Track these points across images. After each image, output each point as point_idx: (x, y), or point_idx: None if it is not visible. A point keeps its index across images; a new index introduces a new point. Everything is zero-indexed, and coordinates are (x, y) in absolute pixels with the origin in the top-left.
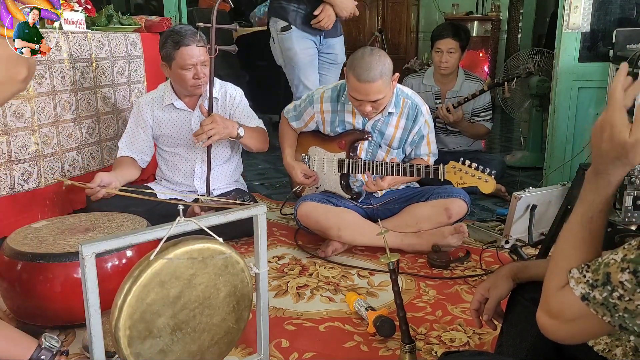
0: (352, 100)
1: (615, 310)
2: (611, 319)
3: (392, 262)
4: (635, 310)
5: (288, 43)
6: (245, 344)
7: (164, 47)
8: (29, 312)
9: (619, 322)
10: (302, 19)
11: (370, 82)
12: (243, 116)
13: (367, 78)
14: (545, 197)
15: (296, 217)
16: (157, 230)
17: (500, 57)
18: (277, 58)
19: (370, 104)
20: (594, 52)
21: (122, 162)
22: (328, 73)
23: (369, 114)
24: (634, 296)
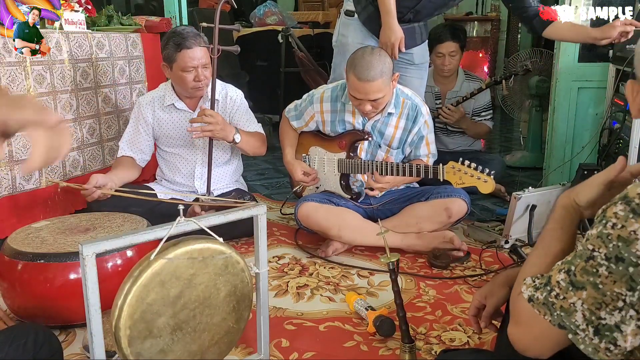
0: (352, 100)
1: (554, 309)
2: (551, 317)
3: (392, 262)
4: (569, 309)
5: (345, 29)
6: (246, 344)
7: (166, 49)
8: (29, 311)
9: (557, 321)
10: (367, 16)
11: (370, 81)
12: (243, 119)
13: (367, 77)
14: (544, 197)
15: (296, 218)
16: (157, 230)
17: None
18: (335, 33)
19: (370, 103)
20: (594, 53)
21: (121, 162)
22: (406, 73)
23: (369, 113)
24: (567, 294)
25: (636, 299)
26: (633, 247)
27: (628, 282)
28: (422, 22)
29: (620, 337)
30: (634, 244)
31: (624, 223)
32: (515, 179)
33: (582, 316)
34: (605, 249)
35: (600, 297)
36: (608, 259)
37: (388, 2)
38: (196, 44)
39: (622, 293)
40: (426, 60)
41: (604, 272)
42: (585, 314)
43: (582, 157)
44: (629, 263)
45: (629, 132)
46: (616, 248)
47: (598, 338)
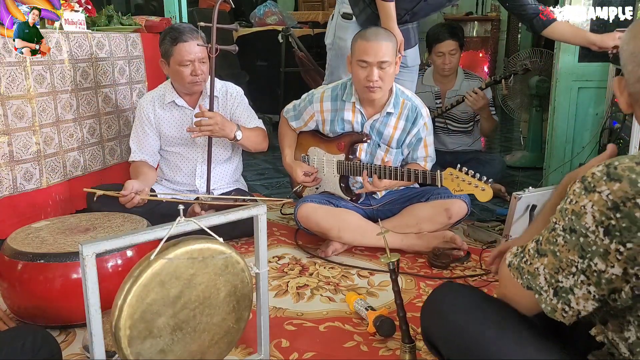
0: (359, 72)
1: (523, 273)
2: (521, 280)
3: (392, 262)
4: (534, 273)
5: (343, 32)
6: (246, 344)
7: (163, 44)
8: (29, 312)
9: (526, 284)
10: (366, 18)
11: (379, 41)
12: (243, 115)
13: (377, 38)
14: (545, 197)
15: (296, 219)
16: (157, 230)
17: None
18: (327, 35)
19: (378, 71)
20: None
21: (139, 166)
22: (399, 76)
23: (375, 85)
24: (533, 260)
25: (585, 266)
26: (583, 220)
27: (579, 251)
28: (416, 24)
29: (573, 299)
30: (584, 217)
31: (577, 199)
32: (516, 179)
33: (544, 279)
34: (563, 222)
35: (557, 263)
36: (564, 230)
37: (389, 6)
38: (192, 38)
39: (574, 260)
40: (417, 62)
41: (561, 241)
42: (547, 277)
43: (582, 157)
44: (579, 234)
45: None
46: (570, 221)
47: (556, 299)
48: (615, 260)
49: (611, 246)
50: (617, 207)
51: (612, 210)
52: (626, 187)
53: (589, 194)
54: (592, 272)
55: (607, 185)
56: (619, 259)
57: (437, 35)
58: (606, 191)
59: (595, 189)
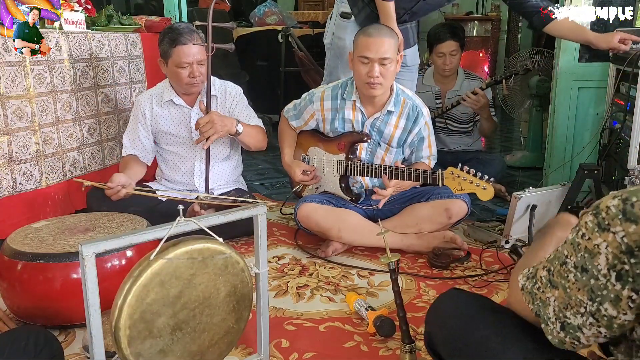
0: (360, 68)
1: (535, 299)
2: (532, 306)
3: (392, 262)
4: (545, 301)
5: (341, 32)
6: (245, 344)
7: (162, 44)
8: (29, 312)
9: (535, 310)
10: (365, 17)
11: (381, 37)
12: (242, 114)
13: (379, 34)
14: (545, 197)
15: (296, 219)
16: (157, 230)
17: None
18: (325, 35)
19: (380, 68)
20: (594, 52)
21: (128, 161)
22: (399, 76)
23: (376, 82)
24: (545, 289)
25: (595, 310)
26: (596, 261)
27: (589, 292)
28: (414, 23)
29: (583, 337)
30: (597, 258)
31: (590, 235)
32: (516, 179)
33: (553, 311)
34: (575, 258)
35: (567, 299)
36: (576, 267)
37: (389, 7)
38: (191, 40)
39: (583, 301)
40: (417, 62)
41: (572, 278)
42: (556, 309)
43: (583, 157)
44: (591, 275)
45: (629, 132)
46: (583, 259)
47: (564, 333)
48: (627, 307)
49: (623, 292)
50: (631, 252)
51: (626, 255)
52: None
53: (603, 232)
54: (602, 317)
55: (622, 225)
56: (631, 307)
57: (438, 36)
58: (621, 233)
59: (610, 228)
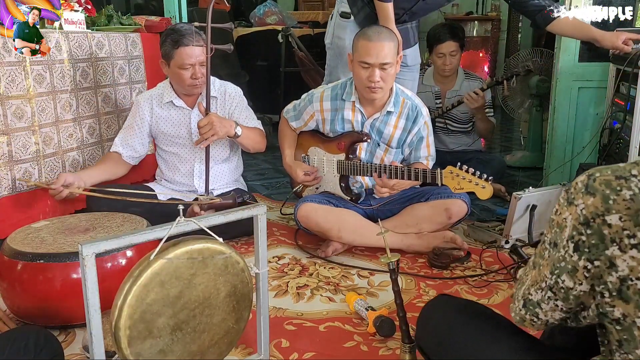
0: (361, 73)
1: (518, 282)
2: (514, 289)
3: (392, 262)
4: (522, 282)
5: (341, 32)
6: (245, 344)
7: (164, 45)
8: (29, 312)
9: (513, 293)
10: (364, 17)
11: (381, 41)
12: (242, 116)
13: (379, 38)
14: (545, 197)
15: (296, 219)
16: (157, 230)
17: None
18: (326, 35)
19: (380, 72)
20: (594, 52)
21: (104, 159)
22: (399, 75)
23: (376, 86)
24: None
25: (553, 283)
26: (563, 234)
27: (551, 267)
28: (415, 23)
29: (541, 312)
30: (564, 231)
31: (561, 210)
32: (516, 179)
33: (522, 290)
34: (550, 234)
35: (537, 276)
36: (550, 243)
37: (387, 8)
38: (194, 42)
39: (546, 275)
40: (418, 62)
41: (546, 255)
42: (524, 289)
43: (583, 157)
44: (557, 249)
45: (629, 132)
46: (555, 234)
47: (524, 310)
48: (583, 277)
49: (579, 263)
50: (587, 223)
51: (584, 226)
52: (598, 203)
53: (569, 206)
54: (560, 289)
55: (583, 198)
56: (586, 277)
57: (437, 36)
58: (581, 205)
59: (574, 202)
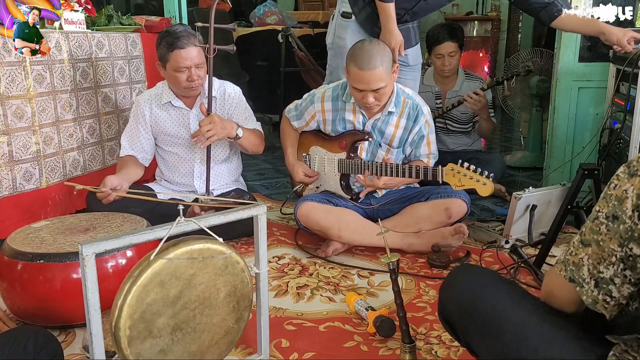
0: (354, 93)
1: (568, 265)
2: (565, 272)
3: (392, 262)
4: (578, 263)
5: (342, 32)
6: (245, 344)
7: (159, 48)
8: (29, 312)
9: (569, 275)
10: (365, 17)
11: (372, 69)
12: (242, 116)
13: (369, 66)
14: (545, 197)
15: (296, 218)
16: (157, 230)
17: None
18: (327, 35)
19: (373, 95)
20: (594, 52)
21: (126, 162)
22: (401, 75)
23: (372, 106)
24: (577, 251)
25: (624, 254)
26: (624, 206)
27: (619, 239)
28: (416, 23)
29: (615, 288)
30: (625, 202)
31: (620, 183)
32: (516, 179)
33: (587, 270)
34: (607, 209)
35: (600, 252)
36: (607, 217)
37: (388, 7)
38: (189, 44)
39: (614, 249)
40: (419, 61)
41: (604, 229)
42: (590, 268)
43: (583, 157)
44: (621, 221)
45: (629, 132)
46: (613, 207)
47: (597, 290)
48: None
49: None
50: None
51: None
52: None
53: (632, 177)
54: (628, 257)
55: None
56: None
57: (436, 37)
58: None
59: (637, 173)
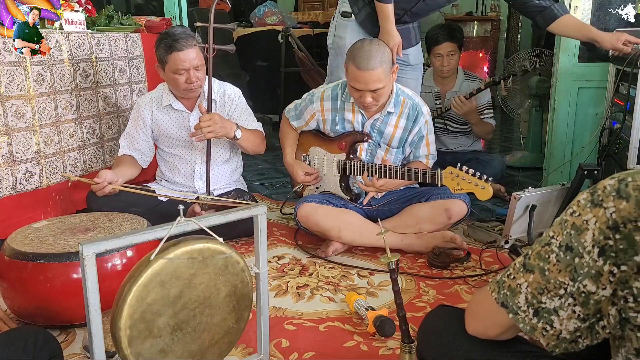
0: (353, 92)
1: (502, 288)
2: (497, 295)
3: (392, 262)
4: (515, 289)
5: (342, 31)
6: (246, 344)
7: (158, 50)
8: (29, 312)
9: (501, 300)
10: (365, 16)
11: (370, 70)
12: (242, 117)
13: (368, 66)
14: (544, 197)
15: (296, 219)
16: (157, 230)
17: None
18: (328, 35)
19: (371, 95)
20: (594, 53)
21: (122, 160)
22: (402, 75)
23: (370, 105)
24: (517, 275)
25: (575, 290)
26: (582, 237)
27: (572, 272)
28: (417, 23)
29: (557, 320)
30: (584, 234)
31: (581, 211)
32: (515, 179)
33: (525, 298)
34: (561, 237)
35: (544, 283)
36: (560, 246)
37: (387, 8)
38: (188, 46)
39: (564, 282)
40: (421, 60)
41: (553, 259)
42: (528, 297)
43: (582, 157)
44: (576, 253)
45: (629, 132)
46: (569, 236)
47: (536, 319)
48: (607, 282)
49: (604, 268)
50: (617, 228)
51: (612, 230)
52: (631, 208)
53: (595, 207)
54: (580, 294)
55: (614, 202)
56: (611, 281)
57: (435, 38)
58: (612, 208)
59: (602, 204)
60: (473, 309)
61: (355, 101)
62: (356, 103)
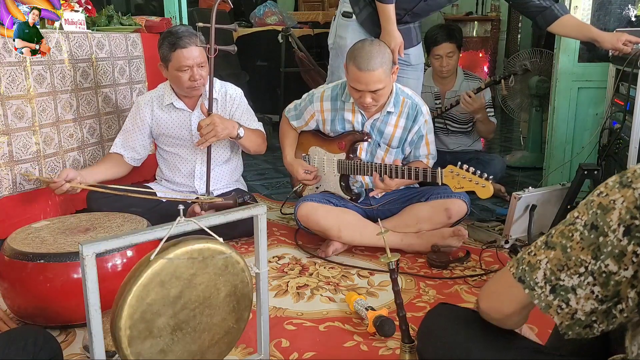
0: (353, 92)
1: (522, 263)
2: (515, 270)
3: (392, 262)
4: (534, 264)
5: (343, 31)
6: (245, 344)
7: (161, 49)
8: (29, 312)
9: (519, 274)
10: (366, 16)
11: (371, 70)
12: (243, 117)
13: (368, 67)
14: (544, 197)
15: (296, 218)
16: (158, 230)
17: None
18: (329, 36)
19: (371, 95)
20: (594, 53)
21: (106, 158)
22: (403, 74)
23: (369, 106)
24: (538, 252)
25: (596, 268)
26: (608, 216)
27: (594, 251)
28: (418, 23)
29: (574, 298)
30: (610, 213)
31: (608, 192)
32: (515, 179)
33: (543, 274)
34: (586, 216)
35: (565, 260)
36: (585, 225)
37: (388, 9)
38: (191, 44)
39: (586, 260)
40: (421, 60)
41: (577, 237)
42: (547, 272)
43: (582, 157)
44: (600, 232)
45: (629, 132)
46: (594, 215)
47: (553, 296)
48: (630, 262)
49: (628, 247)
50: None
51: (639, 210)
52: None
53: (623, 188)
54: (601, 273)
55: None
56: (634, 262)
57: (434, 38)
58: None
59: (631, 185)
60: (490, 284)
61: (355, 101)
62: (356, 103)
